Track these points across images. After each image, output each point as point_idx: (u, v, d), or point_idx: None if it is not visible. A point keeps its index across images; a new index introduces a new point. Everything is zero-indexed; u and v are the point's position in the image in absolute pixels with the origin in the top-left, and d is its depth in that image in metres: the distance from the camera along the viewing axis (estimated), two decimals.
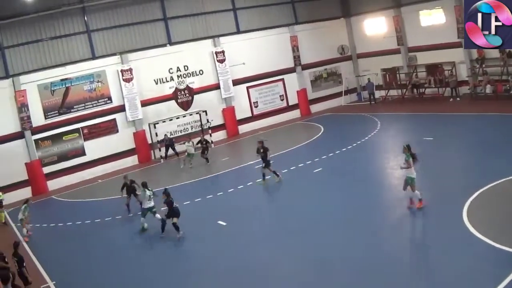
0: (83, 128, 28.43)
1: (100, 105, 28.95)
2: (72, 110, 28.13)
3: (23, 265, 13.80)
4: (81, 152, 28.33)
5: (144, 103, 30.05)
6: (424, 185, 15.96)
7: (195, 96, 31.98)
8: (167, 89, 31.17)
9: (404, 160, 15.06)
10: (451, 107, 29.39)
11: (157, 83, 30.87)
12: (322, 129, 29.87)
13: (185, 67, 31.71)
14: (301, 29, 35.86)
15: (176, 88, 31.42)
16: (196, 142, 26.64)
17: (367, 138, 25.51)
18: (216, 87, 32.62)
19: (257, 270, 13.18)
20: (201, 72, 32.25)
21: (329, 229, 14.96)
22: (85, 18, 28.58)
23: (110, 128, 29.25)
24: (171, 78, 31.29)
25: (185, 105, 31.75)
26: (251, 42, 33.80)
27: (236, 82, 33.24)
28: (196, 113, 31.46)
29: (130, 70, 29.41)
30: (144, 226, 17.64)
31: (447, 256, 11.78)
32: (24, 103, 26.35)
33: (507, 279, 10.16)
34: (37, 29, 27.26)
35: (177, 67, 31.44)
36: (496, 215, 13.59)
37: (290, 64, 35.60)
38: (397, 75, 35.40)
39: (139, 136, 29.84)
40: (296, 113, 35.70)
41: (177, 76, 31.50)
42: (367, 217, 15.21)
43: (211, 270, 13.75)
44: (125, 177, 20.09)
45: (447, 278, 10.83)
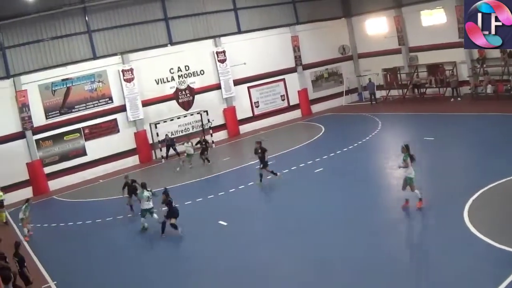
0: (84, 128, 28.44)
1: (101, 105, 28.97)
2: (73, 110, 28.15)
3: (24, 265, 13.82)
4: (82, 152, 28.34)
5: (145, 103, 30.07)
6: (425, 185, 15.95)
7: (196, 96, 31.99)
8: (168, 89, 31.18)
9: (402, 160, 15.08)
10: (452, 107, 29.39)
11: (158, 83, 30.88)
12: (323, 129, 29.87)
13: (186, 67, 31.72)
14: (302, 29, 35.85)
15: (177, 88, 31.42)
16: (196, 143, 26.65)
17: (368, 138, 25.51)
18: (217, 87, 32.63)
19: (257, 270, 13.18)
20: (202, 72, 32.26)
21: (330, 229, 14.97)
22: (86, 18, 28.59)
23: (111, 128, 29.27)
24: (172, 78, 31.30)
25: (186, 105, 31.76)
26: (252, 42, 33.79)
27: (237, 82, 33.25)
28: (197, 113, 31.46)
29: (131, 70, 29.43)
30: (145, 226, 17.66)
31: (448, 256, 11.77)
32: (25, 103, 26.37)
33: (508, 280, 10.14)
34: (38, 29, 27.28)
35: (178, 67, 31.45)
36: (497, 215, 13.57)
37: (291, 64, 35.60)
38: (398, 75, 35.39)
39: (140, 136, 29.86)
40: (297, 113, 35.69)
41: (178, 76, 31.51)
42: (368, 217, 15.21)
43: (212, 270, 13.75)
44: (126, 177, 20.17)
45: (448, 278, 10.82)
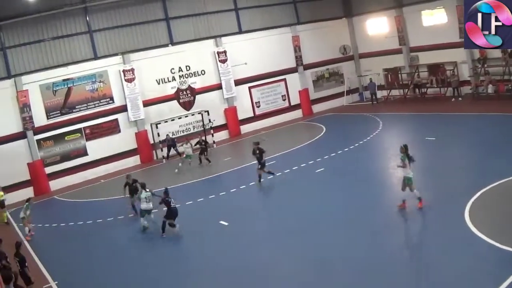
0: (85, 128, 28.46)
1: (102, 105, 28.98)
2: (74, 110, 28.16)
3: (25, 265, 13.84)
4: (83, 152, 28.35)
5: (146, 103, 30.08)
6: (426, 185, 15.97)
7: (197, 96, 31.99)
8: (169, 89, 31.18)
9: (400, 160, 15.08)
10: (453, 107, 29.36)
11: (159, 83, 30.89)
12: (324, 129, 29.86)
13: (187, 67, 31.72)
14: (303, 29, 35.84)
15: (178, 88, 31.43)
16: (195, 143, 26.64)
17: (369, 138, 25.51)
18: (218, 87, 32.62)
19: (258, 270, 13.19)
20: (203, 72, 32.26)
21: (331, 229, 14.97)
22: (87, 18, 28.61)
23: (112, 128, 29.28)
24: (173, 78, 31.30)
25: (187, 105, 31.77)
26: (253, 42, 33.79)
27: (238, 82, 33.24)
28: (198, 113, 31.46)
29: (132, 70, 29.44)
30: (145, 225, 17.66)
31: (448, 256, 11.77)
32: (26, 103, 26.40)
33: (508, 280, 10.13)
34: (39, 29, 27.29)
35: (179, 67, 31.46)
36: (498, 215, 13.56)
37: (292, 64, 35.59)
38: (399, 75, 35.37)
39: (141, 136, 29.87)
40: (298, 113, 35.68)
41: (179, 76, 31.51)
42: (369, 217, 15.21)
43: (212, 270, 13.77)
44: (128, 177, 20.08)
45: (448, 278, 10.82)
